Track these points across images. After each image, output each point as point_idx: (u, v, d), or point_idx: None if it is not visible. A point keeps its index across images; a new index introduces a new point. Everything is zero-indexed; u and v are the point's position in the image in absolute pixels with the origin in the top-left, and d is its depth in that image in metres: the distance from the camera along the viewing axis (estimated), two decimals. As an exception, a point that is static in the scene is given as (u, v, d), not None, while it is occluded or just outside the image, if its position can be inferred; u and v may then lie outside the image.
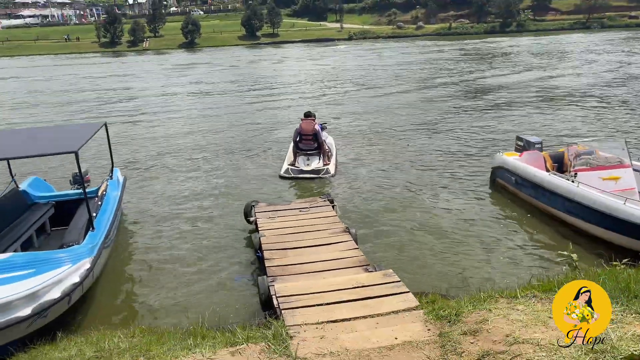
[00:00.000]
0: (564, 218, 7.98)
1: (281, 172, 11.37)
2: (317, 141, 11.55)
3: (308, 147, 11.56)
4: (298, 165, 11.42)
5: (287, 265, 6.13)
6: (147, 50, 64.76)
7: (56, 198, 8.29)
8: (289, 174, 11.21)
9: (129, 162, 13.05)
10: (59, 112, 21.71)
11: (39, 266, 5.33)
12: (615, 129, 14.35)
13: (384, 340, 3.92)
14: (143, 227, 8.83)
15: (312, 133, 11.49)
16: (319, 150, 11.59)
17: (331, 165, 11.48)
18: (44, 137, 7.81)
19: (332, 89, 24.82)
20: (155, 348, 3.92)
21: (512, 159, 9.39)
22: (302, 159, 11.50)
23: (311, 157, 11.51)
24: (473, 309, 4.05)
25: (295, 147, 11.71)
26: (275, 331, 4.05)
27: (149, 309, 6.32)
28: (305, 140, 11.55)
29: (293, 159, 11.68)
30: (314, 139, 11.53)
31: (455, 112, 17.96)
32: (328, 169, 11.25)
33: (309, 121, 11.64)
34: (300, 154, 11.58)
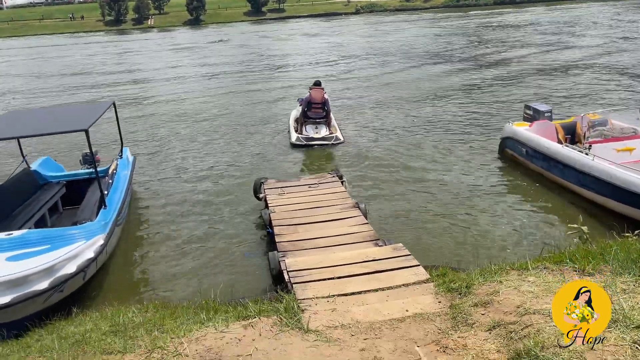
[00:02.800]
0: (578, 191, 7.87)
1: (292, 140, 11.57)
2: (326, 109, 11.74)
3: (317, 115, 11.77)
4: (307, 133, 11.61)
5: (297, 241, 6.16)
6: (152, 28, 64.22)
7: (67, 177, 8.36)
8: (300, 141, 11.39)
9: (137, 140, 13.07)
10: (65, 92, 21.72)
11: (53, 242, 5.42)
12: (629, 98, 14.09)
13: (395, 312, 3.94)
14: (153, 205, 8.90)
15: (321, 102, 11.67)
16: (326, 119, 11.79)
17: (338, 133, 11.68)
18: (53, 117, 7.86)
19: (339, 63, 24.54)
20: (169, 322, 3.98)
21: (523, 130, 9.24)
22: (311, 127, 11.72)
23: (319, 125, 11.75)
24: (484, 281, 4.05)
25: (303, 116, 11.86)
26: (287, 305, 4.09)
27: (161, 284, 6.41)
28: (315, 109, 11.72)
29: (299, 127, 11.87)
30: (322, 108, 11.71)
31: (463, 84, 17.73)
32: (337, 136, 11.48)
33: (318, 90, 11.79)
34: (308, 122, 11.79)
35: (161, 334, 3.71)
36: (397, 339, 3.50)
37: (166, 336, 3.64)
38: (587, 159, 7.52)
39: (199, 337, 3.61)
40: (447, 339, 3.34)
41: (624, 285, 3.49)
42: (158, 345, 3.50)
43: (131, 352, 3.45)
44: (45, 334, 4.32)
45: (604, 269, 3.90)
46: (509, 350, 2.98)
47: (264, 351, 3.39)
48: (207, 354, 3.36)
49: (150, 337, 3.66)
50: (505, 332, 3.19)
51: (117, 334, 3.85)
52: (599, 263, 4.00)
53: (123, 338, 3.70)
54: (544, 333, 2.96)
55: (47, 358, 3.56)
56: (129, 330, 3.89)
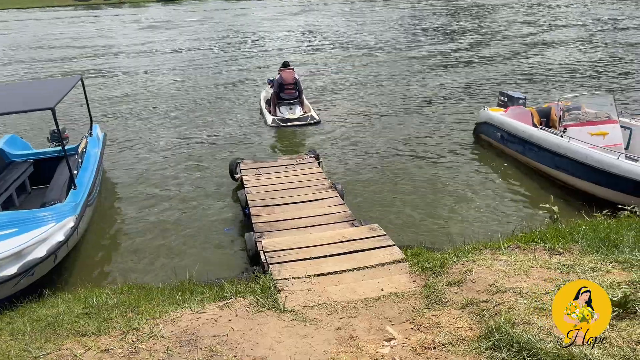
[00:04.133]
0: (553, 174, 8.03)
1: (269, 122, 11.53)
2: (298, 89, 11.84)
3: (290, 96, 11.83)
4: (282, 114, 11.67)
5: (273, 222, 6.15)
6: (123, 3, 62.26)
7: (35, 156, 8.10)
8: (277, 123, 11.37)
9: (108, 118, 12.75)
10: (30, 68, 20.93)
11: (21, 225, 5.27)
12: (600, 85, 14.39)
13: (371, 291, 4.00)
14: (126, 184, 8.74)
15: (293, 82, 11.75)
16: (299, 99, 11.88)
17: (313, 112, 11.79)
18: (17, 94, 7.43)
19: (309, 44, 24.26)
20: (144, 304, 3.95)
21: (498, 114, 9.36)
22: (285, 108, 11.79)
23: (293, 106, 11.83)
24: (457, 260, 4.13)
25: (276, 98, 11.87)
26: (264, 285, 4.10)
27: (136, 265, 6.33)
28: (287, 90, 11.76)
29: (273, 109, 11.89)
30: (295, 88, 11.79)
31: (438, 66, 17.76)
32: (312, 116, 11.58)
33: (288, 70, 11.88)
34: (282, 103, 11.83)
35: (136, 316, 3.68)
36: (372, 318, 3.55)
37: (141, 317, 3.62)
38: (562, 141, 7.69)
39: (175, 318, 3.60)
40: (421, 317, 3.41)
41: (591, 263, 3.60)
42: (133, 326, 3.47)
43: (105, 334, 3.42)
44: (16, 316, 4.23)
45: (573, 248, 4.02)
46: (481, 328, 3.06)
47: (241, 331, 3.40)
48: (183, 335, 3.35)
49: (125, 319, 3.62)
50: (478, 309, 3.27)
51: (90, 315, 3.80)
52: (568, 242, 4.12)
53: (97, 320, 3.66)
54: (514, 310, 3.05)
55: (19, 341, 3.49)
56: (103, 312, 3.84)
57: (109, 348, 3.23)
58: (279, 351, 3.16)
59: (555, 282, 3.37)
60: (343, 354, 3.05)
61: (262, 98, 12.93)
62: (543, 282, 3.41)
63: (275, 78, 11.97)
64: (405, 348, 3.05)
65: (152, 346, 3.23)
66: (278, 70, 12.04)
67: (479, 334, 2.99)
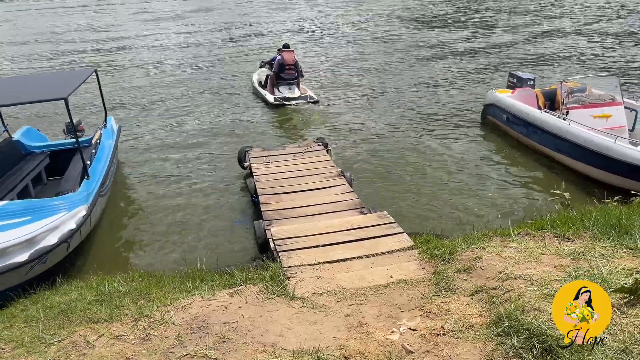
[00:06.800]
0: (554, 156, 8.00)
1: (271, 100, 11.94)
2: (298, 70, 12.26)
3: (290, 76, 12.23)
4: (282, 93, 12.10)
5: (282, 209, 6.16)
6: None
7: (51, 148, 8.19)
8: (279, 101, 11.81)
9: (121, 110, 12.79)
10: (42, 60, 21.00)
11: (34, 213, 5.34)
12: (608, 66, 14.15)
13: (380, 278, 4.00)
14: (139, 175, 8.79)
15: (293, 63, 12.16)
16: (297, 79, 12.31)
17: (310, 92, 12.26)
18: (31, 85, 7.57)
19: (310, 33, 24.03)
20: (155, 291, 3.99)
21: (504, 96, 9.29)
22: (284, 88, 12.21)
23: (292, 86, 12.25)
24: (467, 247, 4.12)
25: (275, 78, 12.28)
26: (273, 272, 4.12)
27: (147, 254, 6.40)
28: (287, 70, 12.14)
29: (271, 89, 12.35)
30: (295, 69, 12.19)
31: (447, 49, 17.54)
32: (311, 95, 12.09)
33: (289, 52, 12.27)
34: (282, 83, 12.24)
35: (147, 303, 3.72)
36: (381, 305, 3.56)
37: (152, 305, 3.66)
38: (563, 124, 7.63)
39: (186, 305, 3.63)
40: (430, 304, 3.41)
41: (602, 250, 3.57)
42: (145, 313, 3.51)
43: (117, 321, 3.46)
44: (29, 303, 4.30)
45: (584, 235, 3.98)
46: (490, 314, 3.05)
47: (251, 318, 3.43)
48: (193, 322, 3.39)
49: (137, 306, 3.67)
50: (487, 296, 3.26)
51: (102, 303, 3.85)
52: (579, 229, 4.08)
53: (109, 307, 3.70)
54: (524, 297, 3.03)
55: (33, 327, 3.55)
56: (115, 299, 3.89)
57: (121, 334, 3.28)
58: (288, 337, 3.19)
59: (566, 268, 3.35)
60: (352, 340, 3.07)
61: (255, 79, 13.44)
62: (553, 269, 3.38)
63: (276, 58, 12.29)
64: (415, 335, 3.05)
65: (163, 333, 3.27)
66: (277, 51, 12.40)
67: (489, 321, 2.99)
